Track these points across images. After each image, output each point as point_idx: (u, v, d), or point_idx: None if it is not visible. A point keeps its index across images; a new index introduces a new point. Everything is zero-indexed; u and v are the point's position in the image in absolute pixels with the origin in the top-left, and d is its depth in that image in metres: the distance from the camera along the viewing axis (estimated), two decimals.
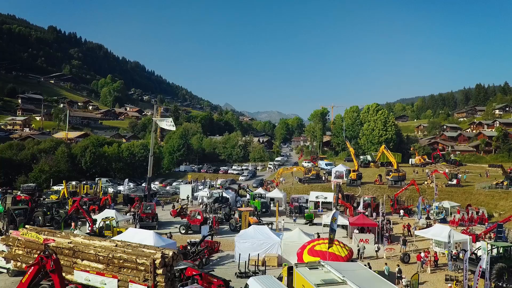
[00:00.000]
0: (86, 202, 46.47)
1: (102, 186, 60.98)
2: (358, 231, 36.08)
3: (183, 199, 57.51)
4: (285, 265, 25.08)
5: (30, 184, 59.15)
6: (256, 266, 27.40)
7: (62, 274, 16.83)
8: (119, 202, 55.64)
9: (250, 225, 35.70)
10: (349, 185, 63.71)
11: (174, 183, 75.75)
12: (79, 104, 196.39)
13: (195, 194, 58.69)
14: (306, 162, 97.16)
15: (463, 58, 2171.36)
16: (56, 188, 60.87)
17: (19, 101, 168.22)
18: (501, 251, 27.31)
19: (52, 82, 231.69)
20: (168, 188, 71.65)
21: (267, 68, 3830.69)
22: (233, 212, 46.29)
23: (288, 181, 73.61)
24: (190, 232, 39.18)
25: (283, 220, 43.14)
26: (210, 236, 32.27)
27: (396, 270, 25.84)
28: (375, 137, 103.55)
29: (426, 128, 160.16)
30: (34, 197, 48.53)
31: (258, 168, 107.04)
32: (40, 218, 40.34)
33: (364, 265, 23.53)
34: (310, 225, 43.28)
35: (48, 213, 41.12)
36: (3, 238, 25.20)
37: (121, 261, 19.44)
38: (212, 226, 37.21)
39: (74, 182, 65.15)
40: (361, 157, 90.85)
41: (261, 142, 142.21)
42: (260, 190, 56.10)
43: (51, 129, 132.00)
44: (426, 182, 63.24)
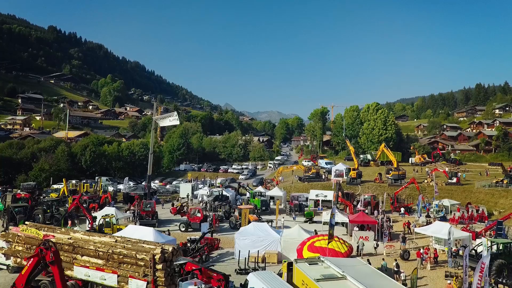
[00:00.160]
0: (86, 200, 46.46)
1: (102, 185, 60.98)
2: (358, 229, 36.07)
3: (183, 198, 57.54)
4: (284, 261, 25.05)
5: (30, 182, 59.15)
6: (256, 263, 27.41)
7: (62, 266, 16.78)
8: (119, 201, 55.64)
9: (250, 222, 35.69)
10: (349, 183, 63.85)
11: (174, 182, 75.77)
12: (79, 103, 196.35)
13: (195, 193, 58.69)
14: (306, 161, 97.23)
15: (463, 58, 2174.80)
16: (56, 186, 60.87)
17: (19, 100, 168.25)
18: (501, 248, 27.35)
19: (52, 82, 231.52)
20: (168, 186, 71.61)
21: (267, 68, 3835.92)
22: (233, 210, 46.28)
23: (288, 179, 73.64)
24: (190, 230, 39.14)
25: (283, 218, 43.14)
26: (209, 233, 32.30)
27: (393, 264, 25.83)
28: (375, 136, 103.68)
29: (426, 127, 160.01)
30: (34, 195, 48.57)
31: (258, 167, 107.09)
32: (40, 216, 40.22)
33: (363, 261, 23.52)
34: (310, 223, 43.29)
35: (48, 211, 41.12)
36: (3, 234, 25.09)
37: (120, 256, 19.37)
38: (212, 224, 37.26)
39: (74, 181, 65.29)
40: (361, 156, 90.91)
41: (261, 141, 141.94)
42: (260, 189, 56.15)
43: (51, 128, 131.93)
44: (426, 181, 63.32)
